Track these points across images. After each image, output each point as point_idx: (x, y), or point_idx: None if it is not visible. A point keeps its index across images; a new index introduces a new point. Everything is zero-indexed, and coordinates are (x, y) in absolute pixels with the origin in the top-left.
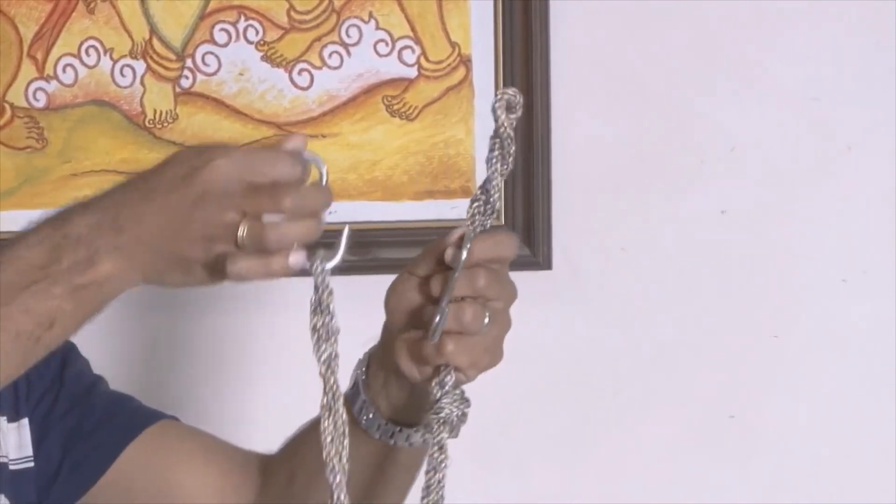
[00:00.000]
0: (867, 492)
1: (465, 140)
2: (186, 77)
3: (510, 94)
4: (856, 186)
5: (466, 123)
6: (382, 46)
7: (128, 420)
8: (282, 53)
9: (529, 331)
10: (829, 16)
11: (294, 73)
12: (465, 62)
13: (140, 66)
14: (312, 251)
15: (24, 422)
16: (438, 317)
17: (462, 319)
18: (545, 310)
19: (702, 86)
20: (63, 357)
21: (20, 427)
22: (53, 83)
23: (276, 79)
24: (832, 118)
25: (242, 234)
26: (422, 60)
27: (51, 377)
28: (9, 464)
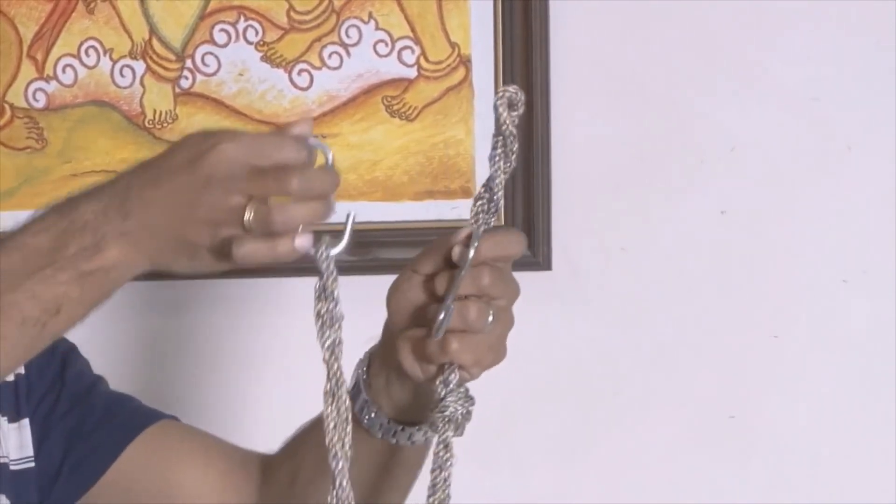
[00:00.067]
0: (867, 492)
1: (465, 140)
2: (186, 77)
3: (512, 92)
4: (856, 186)
5: (466, 123)
6: (382, 47)
7: (128, 420)
8: (281, 54)
9: (529, 331)
10: (829, 16)
11: (294, 74)
12: (465, 62)
13: (140, 67)
14: (318, 237)
15: (25, 422)
16: (443, 314)
17: (467, 317)
18: (545, 310)
19: (702, 86)
20: (63, 357)
21: (21, 427)
22: (53, 83)
23: (276, 79)
24: (832, 118)
25: (249, 218)
26: (421, 61)
27: (51, 377)
28: (9, 464)
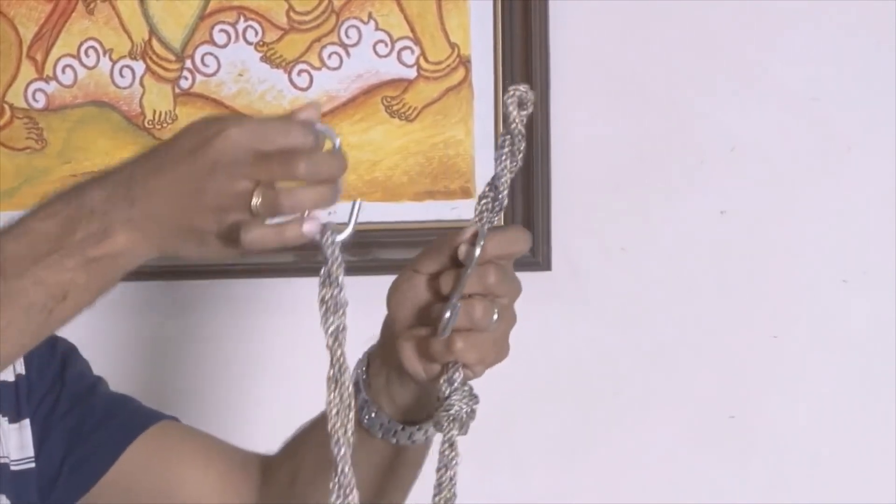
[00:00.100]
0: (867, 492)
1: (465, 141)
2: (186, 78)
3: (522, 91)
4: (856, 186)
5: (466, 124)
6: (382, 47)
7: (128, 420)
8: (281, 54)
9: (529, 331)
10: (829, 16)
11: (293, 74)
12: (465, 63)
13: (139, 67)
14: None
15: (26, 422)
16: (449, 313)
17: (473, 316)
18: (545, 310)
19: (702, 86)
20: (64, 358)
21: (21, 428)
22: (53, 84)
23: (276, 79)
24: (832, 118)
25: (257, 203)
26: (421, 61)
27: (52, 378)
28: (10, 464)
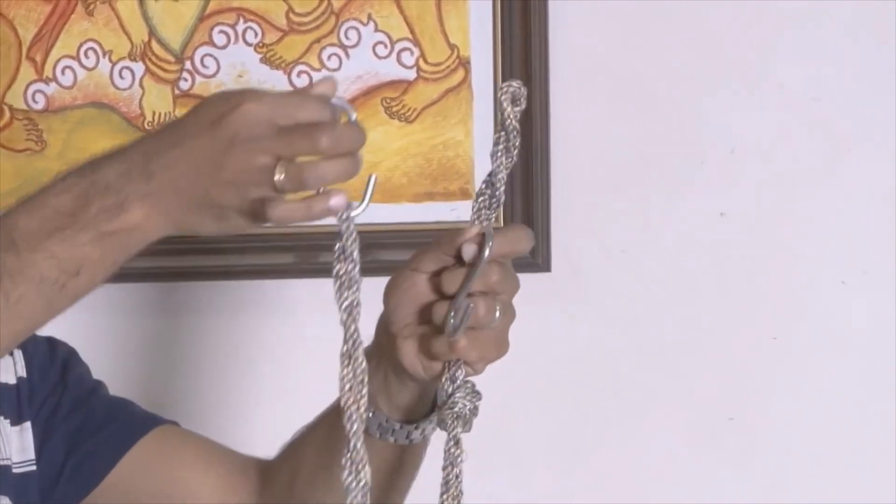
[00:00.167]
0: (867, 492)
1: (465, 142)
2: (185, 79)
3: (515, 87)
4: (856, 187)
5: (465, 125)
6: (381, 48)
7: (129, 424)
8: (281, 55)
9: (529, 333)
10: (830, 16)
11: (293, 76)
12: (464, 64)
13: (139, 69)
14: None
15: (27, 425)
16: (462, 312)
17: (477, 314)
18: (545, 311)
19: (702, 87)
20: (65, 362)
21: (23, 430)
22: (52, 85)
23: (276, 81)
24: (832, 119)
25: (281, 177)
26: (421, 62)
27: (53, 381)
28: (12, 467)
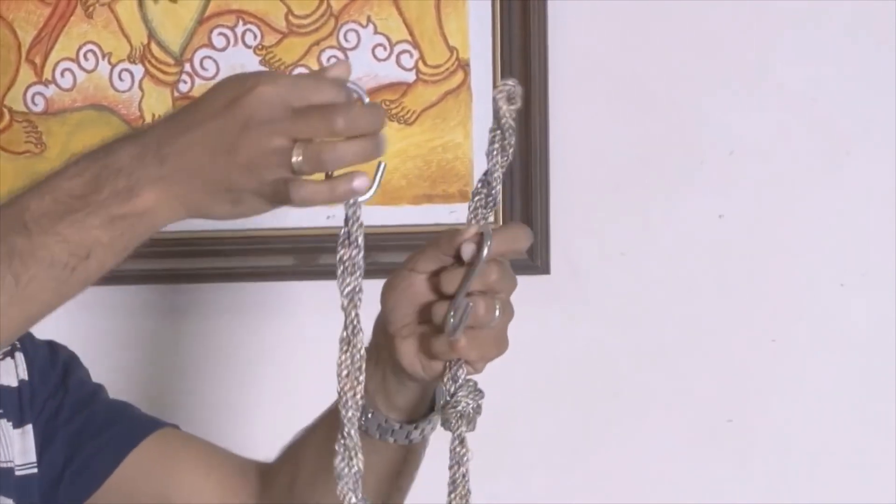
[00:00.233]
0: (867, 493)
1: (464, 144)
2: (185, 81)
3: (511, 86)
4: (855, 188)
5: (465, 127)
6: (381, 51)
7: (130, 427)
8: (280, 58)
9: (529, 335)
10: (829, 16)
11: None
12: (464, 66)
13: (138, 71)
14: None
15: (28, 428)
16: (462, 312)
17: (477, 314)
18: (544, 313)
19: (701, 87)
20: (66, 365)
21: (24, 433)
22: (52, 87)
23: None
24: (832, 119)
25: (298, 159)
26: (420, 65)
27: (54, 384)
28: (14, 469)
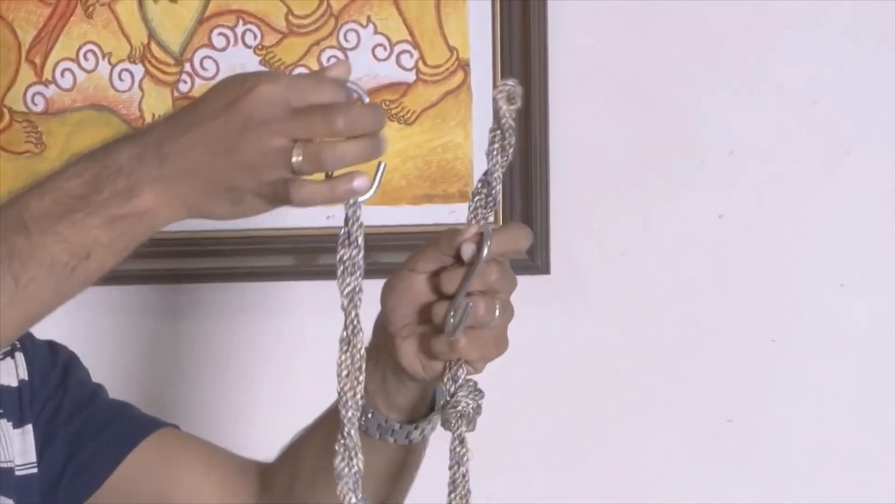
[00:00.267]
0: (867, 493)
1: (464, 144)
2: (185, 81)
3: (511, 86)
4: (855, 188)
5: (465, 127)
6: (381, 51)
7: (129, 427)
8: (280, 58)
9: (528, 335)
10: (829, 16)
11: None
12: (464, 66)
13: (138, 71)
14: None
15: (28, 428)
16: (462, 312)
17: (477, 314)
18: (544, 313)
19: (701, 87)
20: (66, 365)
21: (24, 433)
22: (52, 87)
23: None
24: (832, 120)
25: (298, 159)
26: (420, 65)
27: (54, 384)
28: (14, 469)
